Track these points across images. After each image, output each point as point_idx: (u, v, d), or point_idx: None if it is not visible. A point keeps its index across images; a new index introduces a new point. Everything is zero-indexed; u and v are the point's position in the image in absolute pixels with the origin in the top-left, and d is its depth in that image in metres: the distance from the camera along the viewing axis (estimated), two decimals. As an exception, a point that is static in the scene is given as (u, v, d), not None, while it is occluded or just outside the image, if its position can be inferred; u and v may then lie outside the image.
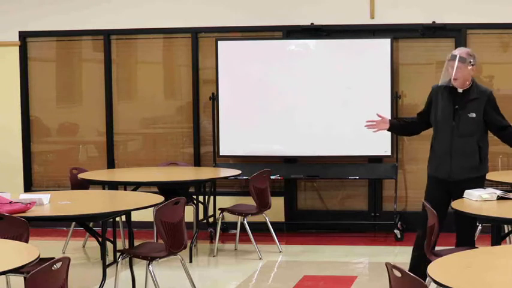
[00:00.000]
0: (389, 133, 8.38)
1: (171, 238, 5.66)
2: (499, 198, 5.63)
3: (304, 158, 8.78)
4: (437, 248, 5.44)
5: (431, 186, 6.09)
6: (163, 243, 5.73)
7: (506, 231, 5.93)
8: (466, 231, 5.97)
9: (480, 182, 5.97)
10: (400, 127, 6.34)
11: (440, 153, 5.99)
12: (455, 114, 5.92)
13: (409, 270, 5.83)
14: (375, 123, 6.11)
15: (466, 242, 5.94)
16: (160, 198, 6.06)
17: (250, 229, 7.66)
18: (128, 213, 6.09)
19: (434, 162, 6.06)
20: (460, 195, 5.81)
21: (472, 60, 5.94)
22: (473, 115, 5.90)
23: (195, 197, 7.95)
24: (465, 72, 5.89)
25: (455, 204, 5.60)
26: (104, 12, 9.20)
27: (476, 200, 5.64)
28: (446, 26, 8.59)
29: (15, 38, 9.34)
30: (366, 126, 6.15)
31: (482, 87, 6.05)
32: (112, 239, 6.08)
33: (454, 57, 5.90)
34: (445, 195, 5.95)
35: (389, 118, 6.17)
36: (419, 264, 5.90)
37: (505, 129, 6.01)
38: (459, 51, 5.95)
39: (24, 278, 3.95)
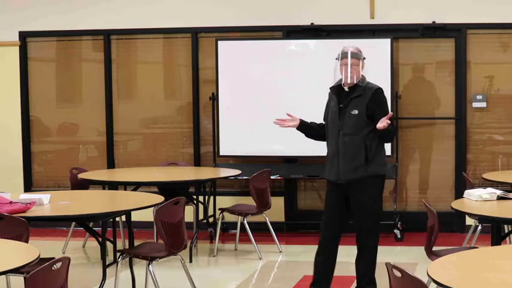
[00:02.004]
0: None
1: (171, 238, 5.66)
2: (499, 198, 5.63)
3: (304, 158, 8.78)
4: (437, 248, 5.44)
5: (328, 190, 5.99)
6: (163, 243, 5.73)
7: (506, 231, 5.92)
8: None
9: (370, 183, 5.80)
10: (309, 129, 6.10)
11: (330, 155, 5.89)
12: (340, 113, 5.81)
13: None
14: (284, 121, 6.02)
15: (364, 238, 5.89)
16: (160, 198, 6.06)
17: (250, 229, 7.66)
18: (128, 213, 6.10)
19: (326, 165, 5.95)
20: (355, 197, 5.79)
21: (363, 57, 5.84)
22: (356, 112, 5.76)
23: (195, 197, 7.95)
24: (359, 69, 5.79)
25: (455, 204, 5.60)
26: (103, 12, 9.20)
27: (476, 200, 5.64)
28: (446, 26, 8.59)
29: (15, 38, 9.34)
30: (274, 122, 6.05)
31: (371, 85, 5.87)
32: (112, 239, 6.07)
33: (346, 55, 5.77)
34: (338, 197, 5.88)
35: (300, 118, 6.10)
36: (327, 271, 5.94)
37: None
38: (349, 49, 5.81)
39: (24, 278, 3.95)
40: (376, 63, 8.48)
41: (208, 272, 7.39)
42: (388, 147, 8.45)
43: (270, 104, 8.62)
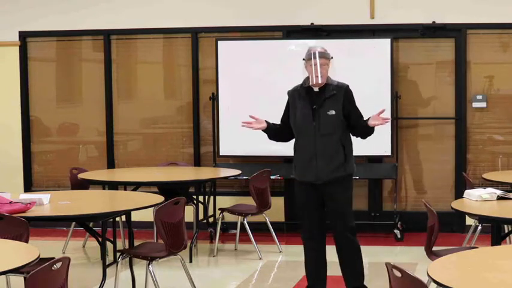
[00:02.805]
0: (390, 133, 8.43)
1: (171, 238, 5.66)
2: (499, 198, 5.63)
3: (304, 158, 8.76)
4: (437, 248, 5.44)
5: (301, 193, 5.93)
6: (163, 243, 5.73)
7: (506, 231, 5.92)
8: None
9: (348, 182, 5.86)
10: (273, 131, 6.10)
11: (305, 157, 5.83)
12: (314, 114, 5.78)
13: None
14: (251, 124, 6.01)
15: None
16: (160, 198, 6.06)
17: (250, 229, 7.66)
18: (128, 213, 6.10)
19: (300, 167, 5.88)
20: (331, 196, 5.78)
21: (331, 56, 5.83)
22: (333, 112, 5.75)
23: (195, 197, 7.95)
24: (327, 68, 5.77)
25: (455, 204, 5.60)
26: (103, 12, 9.20)
27: (476, 200, 5.64)
28: (446, 26, 8.59)
29: (15, 38, 9.34)
30: (242, 125, 6.05)
31: (339, 83, 5.86)
32: (112, 239, 6.07)
33: (314, 55, 5.74)
34: (316, 198, 5.85)
35: (266, 120, 6.11)
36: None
37: (358, 121, 5.83)
38: (317, 49, 5.79)
39: (24, 278, 3.95)
40: (376, 63, 8.52)
41: (208, 272, 7.39)
42: (388, 147, 8.48)
43: (270, 104, 8.60)
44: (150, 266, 5.75)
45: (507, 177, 7.33)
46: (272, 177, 8.16)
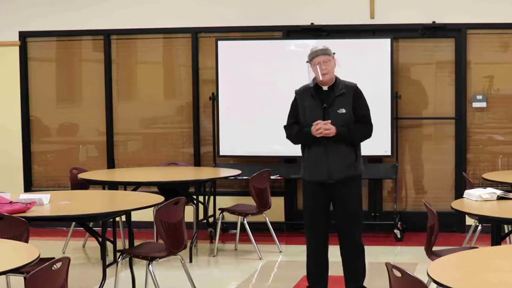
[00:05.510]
0: (390, 133, 8.44)
1: (171, 238, 5.66)
2: (499, 198, 5.63)
3: (304, 158, 8.77)
4: (437, 248, 5.44)
5: (311, 193, 5.90)
6: (163, 243, 5.73)
7: (506, 231, 5.92)
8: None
9: (359, 182, 5.87)
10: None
11: (316, 156, 5.80)
12: (324, 113, 5.77)
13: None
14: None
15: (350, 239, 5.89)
16: (160, 198, 6.06)
17: (250, 229, 7.66)
18: (128, 213, 6.09)
19: (310, 167, 5.85)
20: (342, 196, 5.79)
21: (333, 52, 5.82)
22: (343, 110, 5.75)
23: (195, 197, 7.95)
24: (332, 65, 5.77)
25: (455, 204, 5.60)
26: (103, 12, 9.20)
27: (476, 200, 5.64)
28: (446, 26, 8.59)
29: (15, 38, 9.34)
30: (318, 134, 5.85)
31: (347, 82, 5.88)
32: (112, 239, 6.07)
33: (316, 53, 5.77)
34: (324, 199, 5.85)
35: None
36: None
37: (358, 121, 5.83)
38: (317, 47, 5.82)
39: (24, 278, 3.95)
40: (376, 63, 8.52)
41: (208, 272, 7.39)
42: (388, 147, 8.48)
43: (270, 104, 8.62)
44: (150, 266, 5.75)
45: (507, 177, 7.33)
46: (272, 177, 8.16)
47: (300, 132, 5.87)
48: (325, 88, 5.83)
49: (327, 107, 5.78)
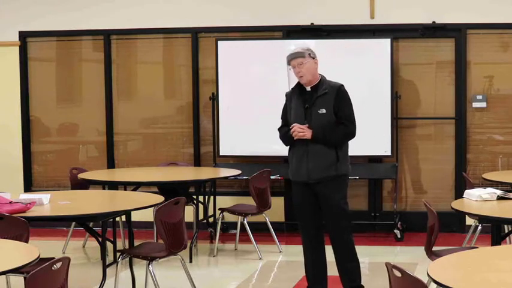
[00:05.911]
0: (389, 133, 8.44)
1: (171, 238, 5.66)
2: (499, 198, 5.63)
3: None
4: (437, 248, 5.44)
5: (296, 193, 5.93)
6: (163, 243, 5.73)
7: (506, 231, 5.92)
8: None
9: (341, 182, 5.83)
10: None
11: (297, 156, 5.84)
12: (306, 113, 5.79)
13: None
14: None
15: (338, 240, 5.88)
16: (160, 198, 6.06)
17: (250, 229, 7.66)
18: (128, 213, 6.09)
19: (293, 166, 5.89)
20: (325, 196, 5.78)
21: (311, 53, 5.80)
22: (324, 111, 5.74)
23: (195, 197, 7.95)
24: (308, 66, 5.75)
25: (455, 204, 5.60)
26: (103, 12, 9.20)
27: (476, 200, 5.64)
28: (446, 26, 8.59)
29: (15, 38, 9.34)
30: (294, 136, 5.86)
31: (332, 83, 5.85)
32: (112, 239, 6.07)
33: (290, 57, 5.78)
34: (311, 197, 5.85)
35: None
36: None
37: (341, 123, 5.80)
38: (295, 49, 5.82)
39: (24, 278, 3.95)
40: (376, 63, 8.52)
41: (208, 272, 7.39)
42: (388, 147, 8.48)
43: (270, 104, 8.60)
44: (150, 266, 5.75)
45: (507, 177, 7.33)
46: (272, 177, 8.16)
47: (286, 133, 5.92)
48: (308, 89, 5.85)
49: (308, 107, 5.80)
